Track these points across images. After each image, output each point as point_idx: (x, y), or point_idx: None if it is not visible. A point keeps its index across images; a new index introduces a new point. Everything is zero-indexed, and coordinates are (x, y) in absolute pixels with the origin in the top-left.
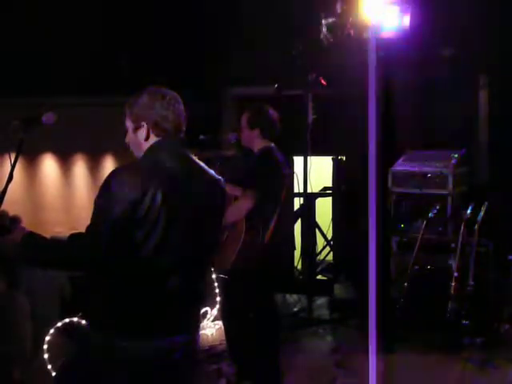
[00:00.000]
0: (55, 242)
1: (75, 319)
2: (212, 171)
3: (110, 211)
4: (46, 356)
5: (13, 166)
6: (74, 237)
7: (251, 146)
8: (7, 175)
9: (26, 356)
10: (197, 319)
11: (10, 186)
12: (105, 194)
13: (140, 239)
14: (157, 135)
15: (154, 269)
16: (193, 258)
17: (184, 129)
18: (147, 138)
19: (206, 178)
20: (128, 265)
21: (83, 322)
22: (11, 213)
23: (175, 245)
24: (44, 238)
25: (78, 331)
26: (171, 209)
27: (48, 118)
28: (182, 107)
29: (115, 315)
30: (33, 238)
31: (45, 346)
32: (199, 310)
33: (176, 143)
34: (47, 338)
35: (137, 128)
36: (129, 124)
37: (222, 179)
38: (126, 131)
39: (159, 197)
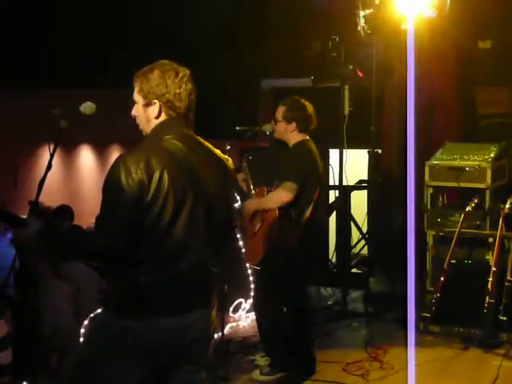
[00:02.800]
0: (69, 236)
1: None
2: (218, 150)
3: (119, 198)
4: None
5: (52, 155)
6: (85, 231)
7: (286, 139)
8: (46, 164)
9: (64, 344)
10: (210, 297)
11: (48, 176)
12: (112, 182)
13: (149, 224)
14: (167, 114)
15: (163, 252)
16: (203, 238)
17: (193, 108)
18: (158, 116)
19: (213, 158)
20: (139, 248)
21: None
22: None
23: (184, 228)
24: (58, 233)
25: (96, 316)
26: (179, 189)
27: (87, 107)
28: (192, 85)
29: (128, 296)
30: (47, 233)
31: (81, 339)
32: (212, 288)
33: (181, 124)
34: (82, 330)
35: (147, 104)
36: (138, 98)
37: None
38: (133, 103)
39: (166, 178)
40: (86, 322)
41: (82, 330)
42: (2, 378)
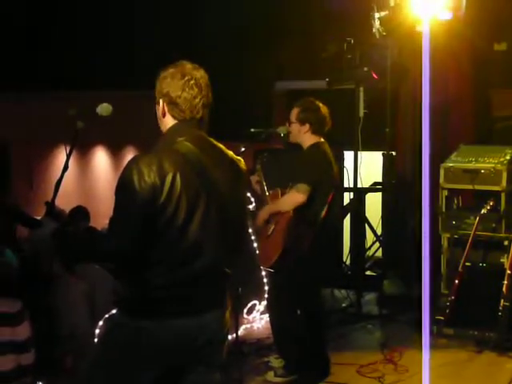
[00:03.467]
0: (82, 239)
1: None
2: (231, 152)
3: (132, 202)
4: None
5: (68, 156)
6: (98, 232)
7: (300, 140)
8: (62, 165)
9: (79, 344)
10: (224, 298)
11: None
12: (125, 185)
13: (162, 226)
14: (172, 115)
15: (177, 254)
16: (217, 240)
17: (202, 112)
18: (164, 115)
19: (226, 160)
20: (154, 250)
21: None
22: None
23: (197, 230)
24: (72, 235)
25: (111, 317)
26: (192, 191)
27: (103, 108)
28: (202, 89)
29: (142, 297)
30: (61, 235)
31: (95, 339)
32: (226, 289)
33: (193, 126)
34: (97, 331)
35: (157, 103)
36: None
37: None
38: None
39: (178, 180)
40: (100, 323)
41: (97, 331)
42: (25, 378)
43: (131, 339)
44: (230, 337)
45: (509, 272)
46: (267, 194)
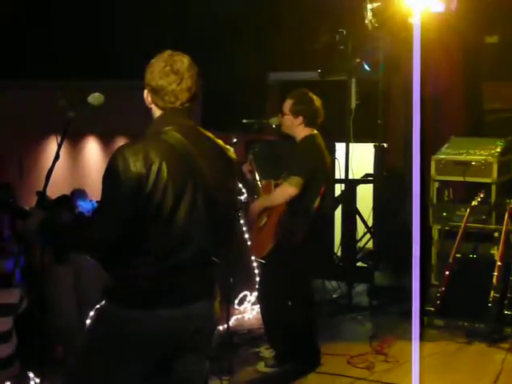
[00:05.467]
0: (69, 228)
1: None
2: (220, 141)
3: (119, 191)
4: None
5: (59, 146)
6: (87, 221)
7: (293, 132)
8: (52, 155)
9: (69, 333)
10: (212, 287)
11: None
12: (111, 174)
13: (149, 216)
14: (155, 103)
15: (164, 244)
16: (204, 229)
17: (188, 100)
18: (150, 103)
19: (213, 148)
20: (138, 241)
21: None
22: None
23: (185, 219)
24: (59, 224)
25: (100, 307)
26: (178, 180)
27: (95, 98)
28: (186, 77)
29: (131, 287)
30: (49, 224)
31: (85, 329)
32: (214, 279)
33: (181, 115)
34: (87, 321)
35: (145, 89)
36: None
37: (232, 148)
38: None
39: (165, 170)
40: (91, 313)
41: (87, 321)
42: (10, 368)
43: (120, 329)
44: (220, 327)
45: (499, 263)
46: (259, 184)
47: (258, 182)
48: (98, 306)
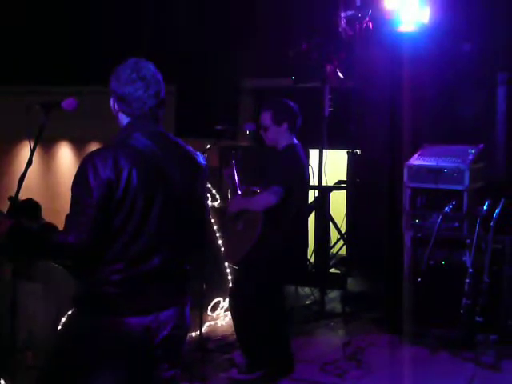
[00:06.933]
0: (40, 234)
1: None
2: (189, 147)
3: (88, 198)
4: None
5: (32, 151)
6: (55, 229)
7: (277, 142)
8: (26, 160)
9: (39, 341)
10: (182, 294)
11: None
12: (81, 181)
13: (120, 222)
14: (122, 111)
15: (134, 251)
16: (175, 236)
17: (156, 106)
18: (118, 111)
19: (182, 154)
20: (108, 248)
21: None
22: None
23: (155, 225)
24: (29, 231)
25: (71, 315)
26: (148, 187)
27: (69, 103)
28: (153, 83)
29: (100, 294)
30: (18, 231)
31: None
32: (185, 286)
33: (149, 121)
34: (60, 328)
35: (111, 96)
36: None
37: (202, 154)
38: None
39: (134, 176)
40: (63, 320)
41: (59, 328)
42: None
43: (89, 337)
44: (193, 334)
45: (470, 270)
46: (239, 191)
47: (237, 189)
48: (68, 313)
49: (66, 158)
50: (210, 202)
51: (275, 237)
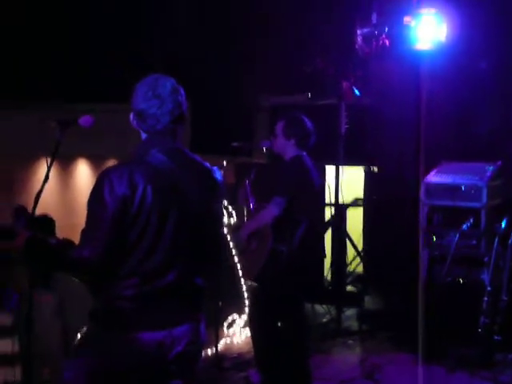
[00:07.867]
0: (56, 248)
1: None
2: (206, 163)
3: (104, 213)
4: None
5: (49, 167)
6: (72, 244)
7: (284, 153)
8: (43, 177)
9: (56, 355)
10: (197, 311)
11: (44, 189)
12: (96, 197)
13: (134, 238)
14: (140, 127)
15: (149, 266)
16: (190, 252)
17: (171, 122)
18: (136, 126)
19: (199, 170)
20: (123, 263)
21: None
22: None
23: (170, 241)
24: (46, 245)
25: (86, 330)
26: (163, 203)
27: (85, 120)
28: (168, 101)
29: (115, 310)
30: (35, 243)
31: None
32: (199, 302)
33: (166, 138)
34: (75, 343)
35: (131, 112)
36: None
37: (218, 169)
38: None
39: (149, 192)
40: (78, 336)
41: (75, 343)
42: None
43: (103, 351)
44: (209, 351)
45: (489, 288)
46: (253, 209)
47: (251, 206)
48: (83, 329)
49: (83, 175)
50: (225, 219)
51: (286, 249)
